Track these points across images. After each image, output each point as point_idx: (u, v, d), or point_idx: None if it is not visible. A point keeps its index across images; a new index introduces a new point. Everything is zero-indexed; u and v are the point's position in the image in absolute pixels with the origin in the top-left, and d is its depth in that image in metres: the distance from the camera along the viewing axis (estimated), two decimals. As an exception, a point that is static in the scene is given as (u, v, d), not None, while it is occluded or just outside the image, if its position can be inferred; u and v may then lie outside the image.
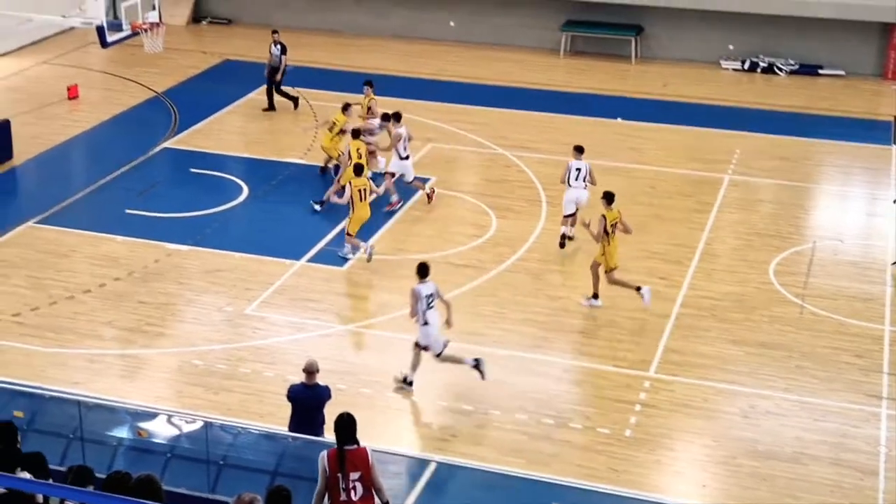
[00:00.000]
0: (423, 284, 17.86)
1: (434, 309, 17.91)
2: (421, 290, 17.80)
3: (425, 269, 18.01)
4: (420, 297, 17.76)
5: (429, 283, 17.91)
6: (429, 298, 17.83)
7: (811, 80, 33.72)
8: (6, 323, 19.78)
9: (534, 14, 36.04)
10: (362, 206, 21.96)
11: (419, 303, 17.76)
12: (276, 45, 29.75)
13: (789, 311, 20.63)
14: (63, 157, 27.66)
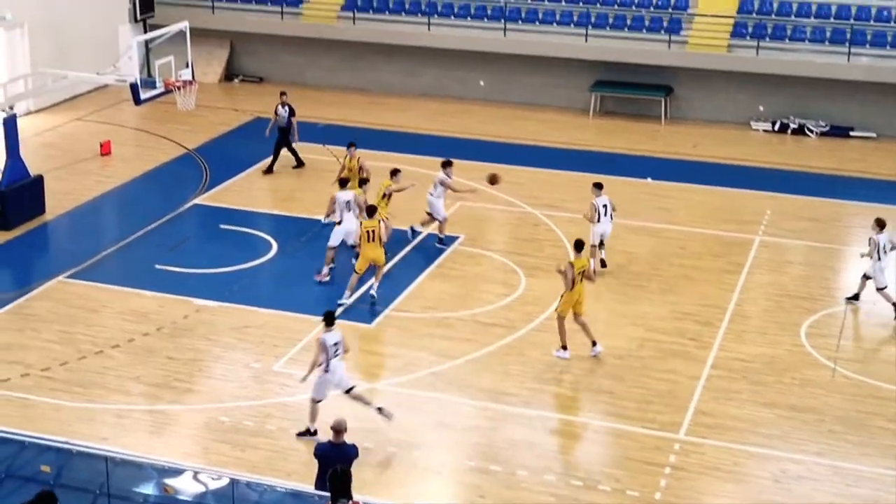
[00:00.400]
0: (330, 333, 17.94)
1: (339, 358, 17.98)
2: (327, 338, 17.87)
3: (331, 317, 18.09)
4: (327, 346, 17.83)
5: (335, 332, 17.99)
6: (335, 347, 17.91)
7: (842, 141, 33.65)
8: (36, 377, 19.80)
9: (563, 74, 36.17)
10: (370, 247, 22.19)
11: (326, 351, 17.82)
12: (283, 106, 29.90)
13: (821, 374, 20.43)
14: (94, 213, 27.83)
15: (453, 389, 19.69)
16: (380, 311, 22.40)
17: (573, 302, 20.69)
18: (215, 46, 39.03)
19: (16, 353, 20.62)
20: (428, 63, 37.36)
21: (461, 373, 20.23)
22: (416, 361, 20.61)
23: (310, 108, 35.55)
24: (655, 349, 21.16)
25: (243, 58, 39.27)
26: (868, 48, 33.67)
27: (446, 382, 19.88)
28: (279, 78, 38.63)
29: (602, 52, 35.20)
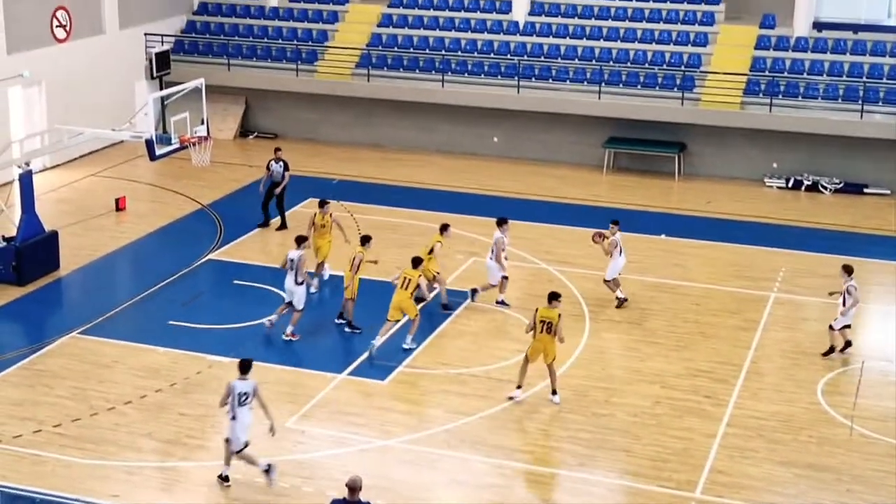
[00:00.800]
0: (241, 381, 17.96)
1: (247, 407, 17.94)
2: (236, 386, 17.91)
3: (246, 366, 18.11)
4: (232, 393, 17.87)
5: (248, 381, 17.98)
6: (242, 396, 17.88)
7: (856, 198, 33.60)
8: (47, 434, 19.73)
9: (577, 131, 36.27)
10: (400, 293, 22.74)
11: (230, 397, 17.88)
12: (277, 161, 29.82)
13: (838, 433, 20.26)
14: (109, 268, 27.86)
15: (467, 447, 19.56)
16: (393, 367, 22.32)
17: (536, 349, 20.80)
18: (231, 103, 39.27)
19: (28, 410, 20.56)
20: (442, 119, 37.51)
21: (475, 430, 20.11)
22: (430, 418, 20.50)
23: (324, 164, 35.75)
24: (671, 406, 21.03)
25: (258, 114, 39.48)
26: (881, 105, 33.72)
27: (460, 440, 19.76)
28: (294, 134, 38.83)
29: (615, 108, 35.31)
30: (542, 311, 20.85)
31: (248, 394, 17.97)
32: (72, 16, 35.40)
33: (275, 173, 29.83)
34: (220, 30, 40.21)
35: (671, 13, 37.31)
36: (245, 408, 17.97)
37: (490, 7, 38.78)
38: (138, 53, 38.42)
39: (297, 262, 23.42)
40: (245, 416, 18.01)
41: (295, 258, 23.50)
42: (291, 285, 23.56)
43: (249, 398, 17.98)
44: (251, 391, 17.99)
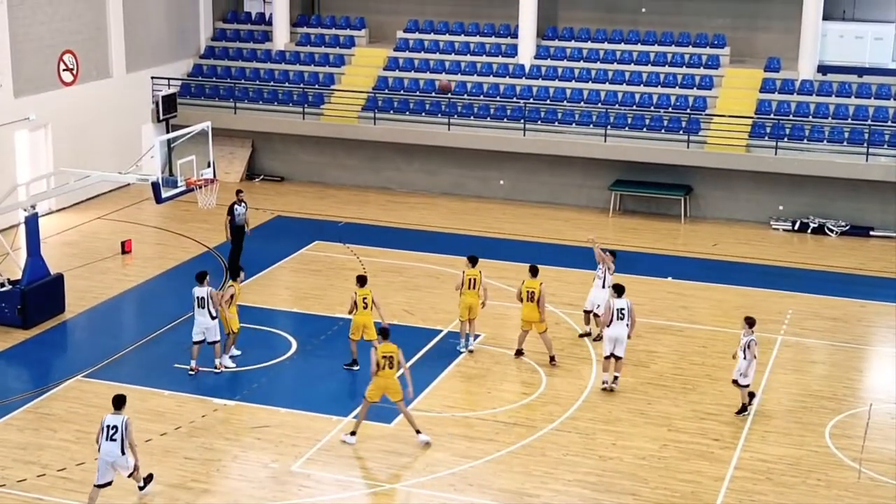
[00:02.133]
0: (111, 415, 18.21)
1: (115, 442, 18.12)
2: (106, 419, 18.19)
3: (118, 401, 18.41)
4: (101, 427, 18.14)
5: (117, 416, 18.17)
6: (111, 430, 18.05)
7: (862, 241, 33.57)
8: (52, 478, 19.63)
9: (583, 174, 36.33)
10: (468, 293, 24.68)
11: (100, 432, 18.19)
12: (240, 203, 29.63)
13: (847, 476, 20.13)
14: (114, 311, 27.84)
15: (474, 490, 19.45)
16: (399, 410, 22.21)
17: (380, 387, 20.71)
18: (237, 146, 39.39)
19: (32, 453, 20.48)
20: (448, 162, 37.59)
21: (482, 473, 20.00)
22: (436, 462, 20.39)
23: (330, 207, 35.82)
24: (678, 449, 20.92)
25: (265, 157, 39.58)
26: (887, 148, 33.75)
27: (467, 483, 19.65)
28: (300, 177, 38.93)
29: (621, 151, 35.37)
30: (383, 346, 20.83)
31: (118, 427, 18.11)
32: (79, 59, 35.58)
33: (238, 216, 29.63)
34: (226, 73, 40.39)
35: (676, 56, 37.44)
36: (112, 443, 18.11)
37: (496, 50, 38.94)
38: (145, 96, 38.59)
39: (209, 299, 23.52)
40: (110, 449, 18.12)
41: (204, 295, 23.55)
42: (206, 321, 23.57)
43: (118, 432, 18.10)
44: (120, 426, 18.12)
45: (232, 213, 29.69)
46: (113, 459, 18.18)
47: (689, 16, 38.25)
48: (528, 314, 24.25)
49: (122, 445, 18.14)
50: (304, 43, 40.82)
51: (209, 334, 23.77)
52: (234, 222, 29.71)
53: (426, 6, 40.71)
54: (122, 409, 18.30)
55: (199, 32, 41.43)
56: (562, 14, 39.52)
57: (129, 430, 18.15)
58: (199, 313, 23.65)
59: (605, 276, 25.63)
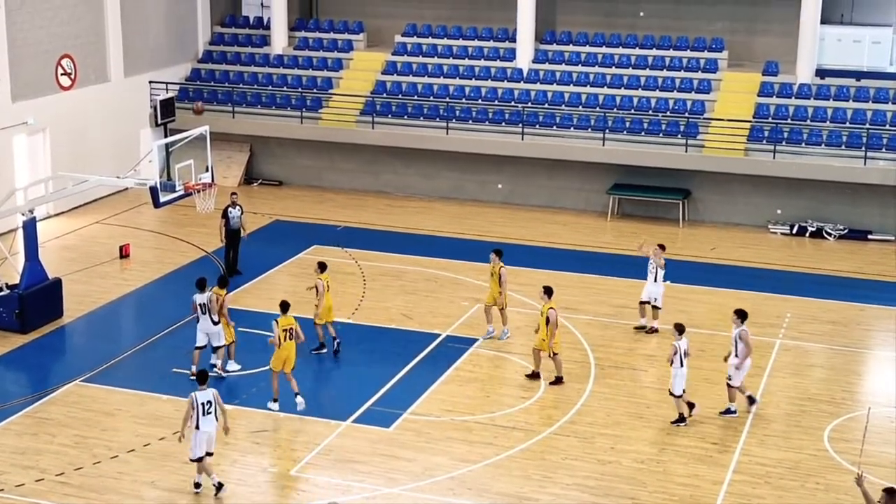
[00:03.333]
0: (201, 391, 19.05)
1: (210, 416, 18.97)
2: (198, 396, 18.96)
3: (204, 376, 19.44)
4: (196, 404, 18.93)
5: (207, 391, 19.06)
6: (206, 405, 18.93)
7: (860, 245, 33.57)
8: (50, 483, 19.62)
9: (581, 177, 36.34)
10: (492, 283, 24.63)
11: (195, 409, 18.91)
12: (234, 206, 29.86)
13: (845, 480, 20.10)
14: (112, 316, 27.82)
15: (473, 494, 19.44)
16: (398, 414, 22.22)
17: (282, 358, 22.03)
18: (235, 150, 39.39)
19: (31, 458, 20.46)
20: (446, 166, 37.59)
21: (481, 477, 20.00)
22: (434, 466, 20.38)
23: (328, 211, 35.82)
24: (677, 453, 20.91)
25: (263, 161, 39.58)
26: (884, 152, 33.77)
27: (465, 487, 19.64)
28: (298, 181, 38.94)
29: (619, 155, 35.39)
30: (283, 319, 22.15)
31: (212, 402, 19.01)
32: (77, 64, 35.58)
33: (232, 220, 29.79)
34: (224, 77, 40.40)
35: (675, 60, 37.47)
36: (208, 417, 18.99)
37: (494, 54, 38.96)
38: (143, 101, 38.59)
39: (209, 304, 23.65)
40: (207, 425, 19.02)
41: (205, 301, 23.66)
42: (209, 327, 23.71)
43: (212, 406, 19.01)
44: (213, 400, 19.05)
45: (226, 216, 29.76)
46: (211, 433, 19.10)
47: (687, 20, 38.28)
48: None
49: (215, 416, 19.08)
50: (303, 47, 40.83)
51: (213, 339, 23.81)
52: (228, 226, 29.77)
53: (424, 10, 40.75)
54: (206, 384, 19.23)
55: (198, 36, 41.44)
56: (560, 18, 39.54)
57: (220, 402, 19.17)
58: (203, 319, 23.69)
59: (657, 270, 26.38)
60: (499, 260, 25.72)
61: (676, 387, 21.99)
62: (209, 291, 23.77)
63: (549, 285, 23.96)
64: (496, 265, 25.64)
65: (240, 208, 29.97)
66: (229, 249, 30.07)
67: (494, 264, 25.68)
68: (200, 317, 23.70)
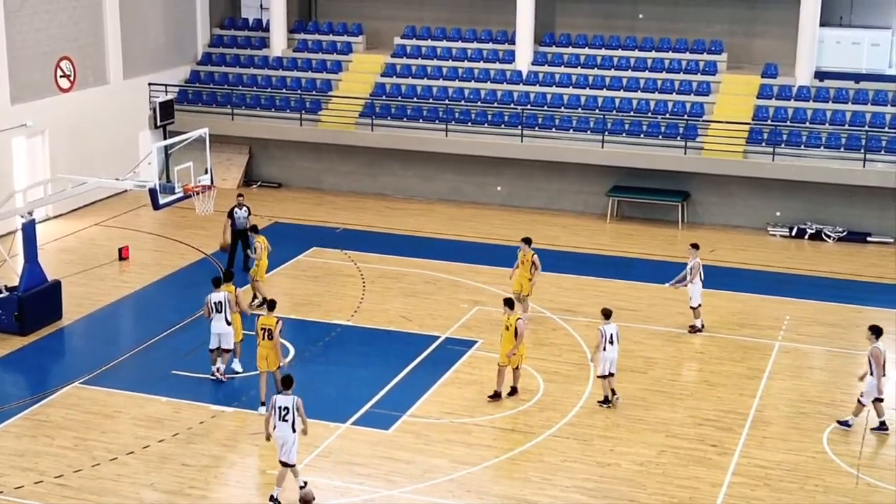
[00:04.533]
0: (282, 396, 18.90)
1: (285, 424, 18.77)
2: (277, 400, 18.86)
3: (289, 381, 19.21)
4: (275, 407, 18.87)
5: (288, 398, 18.82)
6: (282, 411, 18.73)
7: (859, 247, 33.58)
8: (49, 485, 19.61)
9: (580, 179, 36.34)
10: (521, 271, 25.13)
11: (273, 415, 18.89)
12: (241, 207, 30.14)
13: (844, 481, 20.12)
14: (111, 318, 27.82)
15: (472, 496, 19.44)
16: (397, 416, 22.21)
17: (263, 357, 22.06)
18: (234, 152, 39.39)
19: (29, 460, 20.46)
20: (445, 168, 37.59)
21: (480, 479, 19.99)
22: (434, 468, 20.37)
23: (327, 213, 35.83)
24: (676, 455, 20.91)
25: (262, 163, 39.58)
26: (883, 154, 33.77)
27: (465, 489, 19.64)
28: (297, 183, 38.94)
29: (619, 157, 35.39)
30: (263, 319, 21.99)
31: (289, 409, 18.75)
32: (76, 66, 35.58)
33: (239, 220, 29.99)
34: (223, 79, 40.40)
35: (674, 62, 37.48)
36: (284, 423, 18.77)
37: (493, 56, 38.96)
38: (142, 103, 38.59)
39: (226, 303, 23.53)
40: (283, 430, 18.79)
41: (221, 300, 23.56)
42: (222, 327, 23.56)
43: (289, 413, 18.75)
44: (292, 406, 18.78)
45: (232, 216, 29.90)
46: (285, 439, 18.82)
47: (686, 22, 38.29)
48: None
49: (293, 425, 18.76)
50: (302, 49, 40.83)
51: (223, 340, 23.71)
52: (234, 226, 29.94)
53: (423, 12, 40.75)
54: (291, 389, 18.97)
55: (197, 39, 41.44)
56: (559, 20, 39.55)
57: (300, 411, 18.83)
58: (216, 318, 23.58)
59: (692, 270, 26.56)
60: (528, 248, 26.61)
61: (601, 369, 22.68)
62: (223, 290, 23.67)
63: (510, 297, 23.63)
64: (527, 253, 26.54)
65: (246, 209, 30.23)
66: (235, 250, 30.26)
67: (525, 252, 26.57)
68: (214, 316, 23.56)
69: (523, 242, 26.84)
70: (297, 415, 18.76)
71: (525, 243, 26.77)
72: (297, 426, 18.82)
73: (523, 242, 26.84)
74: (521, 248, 26.75)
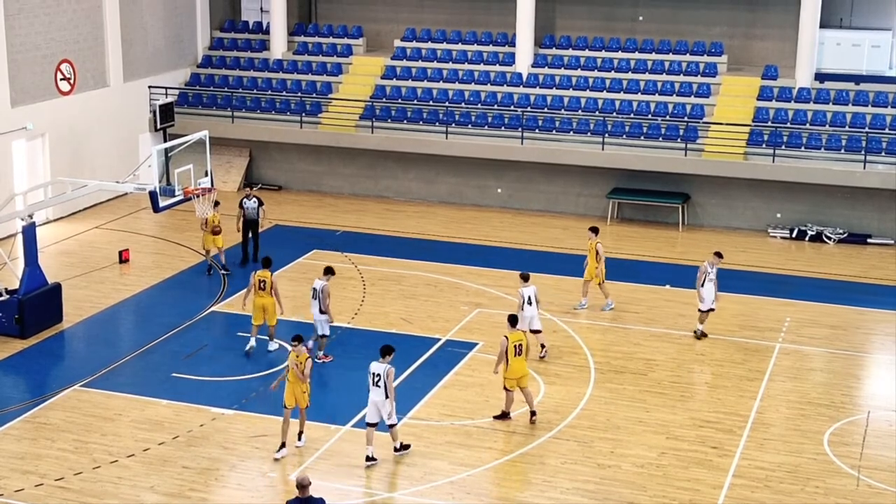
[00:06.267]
0: (376, 363, 20.21)
1: (377, 389, 20.16)
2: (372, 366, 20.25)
3: (387, 349, 20.38)
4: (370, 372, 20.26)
5: (381, 365, 20.15)
6: (375, 377, 20.15)
7: (860, 248, 33.56)
8: (49, 487, 19.60)
9: (581, 182, 36.33)
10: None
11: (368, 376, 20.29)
12: (249, 198, 31.03)
13: (845, 483, 20.11)
14: (112, 321, 27.81)
15: (472, 499, 19.43)
16: (398, 418, 22.15)
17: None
18: (235, 155, 39.39)
19: (30, 463, 20.45)
20: (446, 171, 37.59)
21: (480, 481, 19.99)
22: (434, 470, 20.36)
23: (328, 216, 35.83)
24: (677, 457, 20.90)
25: (262, 166, 39.58)
26: (884, 156, 33.76)
27: (465, 492, 19.63)
28: (298, 186, 38.94)
29: (619, 159, 35.38)
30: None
31: (380, 375, 20.07)
32: (76, 69, 35.59)
33: (248, 210, 30.79)
34: (223, 82, 40.41)
35: (674, 64, 37.48)
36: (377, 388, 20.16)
37: (493, 59, 38.96)
38: (142, 106, 38.60)
39: (321, 292, 24.39)
40: (376, 394, 20.19)
41: (318, 287, 24.46)
42: (316, 314, 24.59)
43: (381, 379, 20.08)
44: (382, 373, 20.07)
45: (242, 206, 30.86)
46: (376, 402, 20.19)
47: (686, 24, 38.29)
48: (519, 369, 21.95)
49: (385, 391, 20.03)
50: (302, 52, 40.84)
51: (318, 327, 24.74)
52: (245, 217, 30.86)
53: (424, 15, 40.76)
54: (388, 358, 20.20)
55: (197, 41, 41.46)
56: (559, 22, 39.56)
57: (389, 378, 20.05)
58: (312, 305, 24.70)
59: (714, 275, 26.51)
60: (595, 236, 27.86)
61: (524, 326, 23.99)
62: (325, 280, 24.65)
63: (514, 315, 22.70)
64: (593, 241, 27.80)
65: (256, 199, 31.01)
66: (246, 240, 31.13)
67: (591, 241, 27.83)
68: (312, 302, 24.64)
69: (590, 231, 28.18)
70: (387, 382, 19.99)
71: (592, 232, 28.05)
72: (390, 392, 20.11)
73: (590, 231, 28.18)
74: (589, 236, 28.07)
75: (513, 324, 22.14)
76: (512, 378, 21.83)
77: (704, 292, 26.24)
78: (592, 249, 27.68)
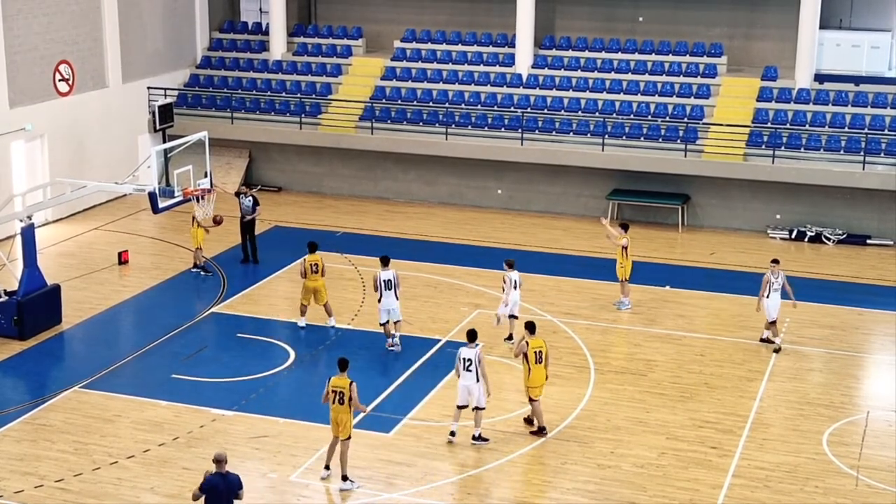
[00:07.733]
0: (466, 348, 21.06)
1: (469, 373, 20.94)
2: (462, 352, 21.05)
3: (472, 335, 21.22)
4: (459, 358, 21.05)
5: (471, 350, 20.96)
6: (467, 362, 20.91)
7: (859, 249, 33.56)
8: (49, 489, 19.60)
9: (581, 183, 36.33)
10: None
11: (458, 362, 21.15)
12: (247, 196, 31.28)
13: (844, 483, 20.12)
14: (111, 322, 27.80)
15: (472, 499, 19.43)
16: (398, 419, 22.21)
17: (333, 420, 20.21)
18: (234, 156, 39.38)
19: (30, 464, 20.45)
20: (446, 172, 37.59)
21: (481, 483, 19.99)
22: (434, 471, 20.36)
23: (328, 217, 35.82)
24: (676, 458, 20.91)
25: (262, 167, 39.58)
26: (883, 157, 33.76)
27: (465, 493, 19.63)
28: (297, 187, 38.94)
29: (619, 160, 35.37)
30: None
31: (472, 360, 20.85)
32: (74, 69, 35.59)
33: (244, 208, 31.14)
34: (223, 83, 40.40)
35: (674, 65, 37.47)
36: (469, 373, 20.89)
37: (493, 60, 38.96)
38: (141, 107, 38.60)
39: (396, 280, 25.32)
40: (467, 378, 20.96)
41: (391, 277, 25.24)
42: (392, 303, 25.26)
43: (472, 364, 20.86)
44: (475, 357, 20.86)
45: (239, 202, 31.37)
46: (468, 385, 20.97)
47: (686, 25, 38.29)
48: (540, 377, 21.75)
49: (476, 374, 20.86)
50: (301, 52, 40.84)
51: (393, 315, 25.43)
52: (241, 216, 31.26)
53: (423, 15, 40.75)
54: (475, 342, 21.05)
55: (196, 42, 41.46)
56: (559, 23, 39.56)
57: (481, 362, 20.90)
58: (386, 295, 25.18)
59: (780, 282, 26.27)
60: (624, 232, 28.26)
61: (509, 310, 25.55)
62: (391, 269, 25.20)
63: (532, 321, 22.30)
64: (620, 238, 28.12)
65: (251, 198, 31.25)
66: (245, 240, 31.39)
67: (620, 237, 28.21)
68: (384, 293, 25.10)
69: (620, 228, 28.51)
70: (479, 365, 20.80)
71: (622, 228, 28.46)
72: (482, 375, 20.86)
73: (620, 228, 28.51)
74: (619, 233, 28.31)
75: (531, 330, 21.67)
76: (535, 387, 21.55)
77: (769, 303, 25.86)
78: (618, 246, 28.09)
